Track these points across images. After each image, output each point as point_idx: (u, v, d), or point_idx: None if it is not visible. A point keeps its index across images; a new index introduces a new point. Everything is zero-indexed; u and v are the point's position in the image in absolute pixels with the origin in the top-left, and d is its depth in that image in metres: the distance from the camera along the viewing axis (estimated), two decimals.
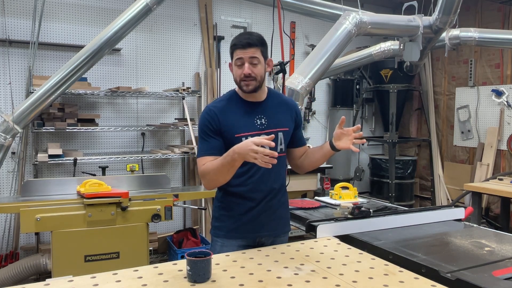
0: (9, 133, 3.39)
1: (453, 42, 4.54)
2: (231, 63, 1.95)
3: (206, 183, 1.87)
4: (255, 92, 1.92)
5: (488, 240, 1.94)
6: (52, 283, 1.40)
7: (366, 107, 6.55)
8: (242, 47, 1.85)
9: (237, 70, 1.89)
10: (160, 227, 4.90)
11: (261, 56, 1.88)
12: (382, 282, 1.43)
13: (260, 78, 1.89)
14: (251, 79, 1.86)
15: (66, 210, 2.94)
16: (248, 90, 1.88)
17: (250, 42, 1.85)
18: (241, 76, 1.87)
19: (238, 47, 1.86)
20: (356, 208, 2.22)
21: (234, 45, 1.88)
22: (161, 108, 5.01)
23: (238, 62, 1.87)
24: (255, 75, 1.86)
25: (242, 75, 1.86)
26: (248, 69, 1.85)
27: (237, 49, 1.87)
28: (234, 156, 1.70)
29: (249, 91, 1.89)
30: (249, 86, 1.87)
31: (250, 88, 1.88)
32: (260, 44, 1.88)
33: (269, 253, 1.73)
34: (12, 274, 3.46)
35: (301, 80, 3.42)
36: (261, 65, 1.89)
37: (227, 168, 1.76)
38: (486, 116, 5.61)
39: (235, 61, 1.88)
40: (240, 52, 1.85)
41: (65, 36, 4.47)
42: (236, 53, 1.87)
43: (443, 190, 6.03)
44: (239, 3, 5.40)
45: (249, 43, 1.85)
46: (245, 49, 1.85)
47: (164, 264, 1.59)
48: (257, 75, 1.87)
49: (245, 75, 1.85)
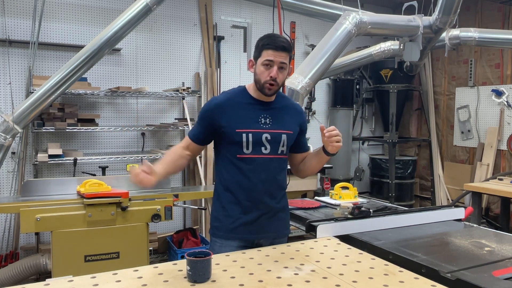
0: (9, 133, 3.39)
1: (453, 42, 4.54)
2: (252, 60, 1.92)
3: None
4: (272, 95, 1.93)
5: (488, 240, 1.94)
6: (52, 283, 1.40)
7: (366, 107, 6.55)
8: (275, 49, 1.83)
9: (264, 70, 1.85)
10: (160, 227, 4.90)
11: (288, 62, 1.88)
12: (382, 282, 1.43)
13: (282, 84, 1.90)
14: (275, 84, 1.86)
15: (66, 210, 2.94)
16: (270, 93, 1.88)
17: (285, 46, 1.84)
18: (267, 78, 1.85)
19: (271, 48, 1.83)
20: (356, 208, 2.22)
21: (268, 45, 1.84)
22: (161, 108, 5.01)
23: (267, 62, 1.84)
24: (280, 80, 1.87)
25: (269, 77, 1.84)
26: (276, 73, 1.84)
27: (269, 49, 1.83)
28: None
29: (270, 94, 1.89)
30: (271, 90, 1.87)
31: (272, 92, 1.88)
32: (290, 50, 1.87)
33: (269, 253, 1.73)
34: (12, 274, 3.46)
35: (301, 80, 3.42)
36: (286, 71, 1.89)
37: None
38: (486, 116, 5.61)
39: (264, 60, 1.84)
40: (272, 54, 1.83)
41: (65, 36, 4.47)
42: (267, 53, 1.84)
43: (443, 190, 6.03)
44: (239, 3, 5.40)
45: (284, 47, 1.83)
46: (278, 52, 1.83)
47: (164, 264, 1.59)
48: (281, 81, 1.88)
49: (272, 78, 1.84)
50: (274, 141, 1.92)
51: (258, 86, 1.90)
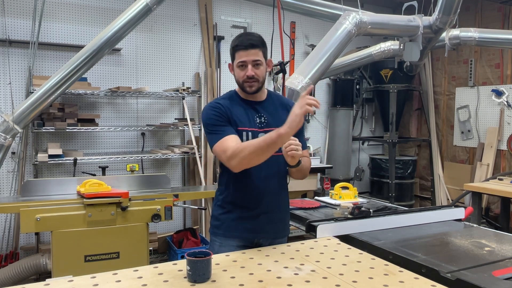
0: (9, 133, 3.39)
1: (453, 42, 4.54)
2: (231, 64, 1.95)
3: (237, 162, 1.75)
4: (257, 93, 1.94)
5: (488, 240, 1.94)
6: (52, 283, 1.40)
7: (366, 107, 6.55)
8: (244, 48, 1.85)
9: (239, 71, 1.89)
10: (160, 227, 4.90)
11: (262, 57, 1.89)
12: (382, 282, 1.43)
13: (262, 79, 1.91)
14: (254, 81, 1.88)
15: (66, 210, 2.94)
16: (251, 91, 1.90)
17: (253, 43, 1.85)
18: (244, 77, 1.87)
19: (240, 48, 1.85)
20: (356, 208, 2.22)
21: (236, 46, 1.87)
22: (161, 108, 5.01)
23: (240, 63, 1.86)
24: (257, 76, 1.88)
25: (245, 76, 1.87)
26: (251, 71, 1.86)
27: (239, 50, 1.86)
28: (280, 130, 1.65)
29: (252, 92, 1.91)
30: (252, 87, 1.89)
31: (253, 89, 1.90)
32: (261, 45, 1.89)
33: (269, 253, 1.73)
34: (12, 274, 3.46)
35: (301, 80, 3.42)
36: (263, 66, 1.90)
37: (267, 145, 1.68)
38: (486, 116, 5.60)
39: (237, 62, 1.87)
40: (243, 54, 1.85)
41: (65, 36, 4.47)
42: (238, 55, 1.86)
43: (443, 190, 6.03)
44: (239, 3, 5.40)
45: (252, 44, 1.85)
46: (247, 51, 1.84)
47: (164, 264, 1.59)
48: (260, 76, 1.89)
49: (248, 76, 1.86)
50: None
51: (240, 86, 1.94)
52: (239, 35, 1.94)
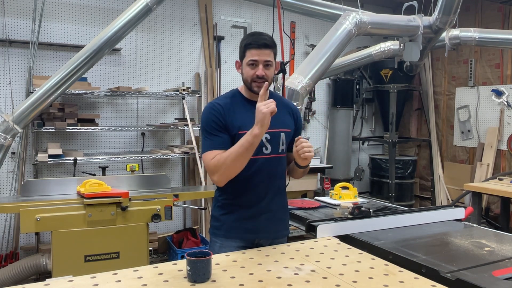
0: (9, 133, 3.39)
1: (453, 42, 4.54)
2: (238, 61, 1.93)
3: (218, 176, 1.80)
4: None
5: (488, 240, 1.94)
6: (52, 283, 1.40)
7: (366, 107, 6.55)
8: (258, 47, 1.83)
9: (249, 70, 1.87)
10: (160, 227, 4.90)
11: (273, 59, 1.88)
12: (382, 282, 1.43)
13: (270, 81, 1.89)
14: (263, 81, 1.85)
15: (66, 210, 2.94)
16: (258, 91, 1.87)
17: (267, 43, 1.84)
18: (254, 76, 1.86)
19: (253, 47, 1.84)
20: (356, 208, 2.22)
21: (250, 44, 1.85)
22: (161, 108, 5.01)
23: (251, 62, 1.85)
24: (267, 77, 1.86)
25: (255, 76, 1.85)
26: (262, 71, 1.84)
27: (252, 48, 1.84)
28: (254, 130, 1.68)
29: (259, 92, 1.89)
30: (260, 87, 1.86)
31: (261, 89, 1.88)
32: (274, 46, 1.88)
33: (269, 253, 1.73)
34: (12, 274, 3.46)
35: (301, 80, 3.42)
36: (272, 68, 1.89)
37: (246, 148, 1.71)
38: (486, 116, 5.61)
39: (248, 61, 1.85)
40: (255, 53, 1.83)
41: (65, 36, 4.47)
42: (250, 53, 1.85)
43: (443, 190, 6.03)
44: (239, 3, 5.40)
45: (266, 44, 1.84)
46: (260, 50, 1.83)
47: (164, 264, 1.59)
48: (269, 77, 1.87)
49: (258, 76, 1.85)
50: (273, 141, 1.93)
51: (247, 85, 1.91)
52: (251, 33, 1.92)
